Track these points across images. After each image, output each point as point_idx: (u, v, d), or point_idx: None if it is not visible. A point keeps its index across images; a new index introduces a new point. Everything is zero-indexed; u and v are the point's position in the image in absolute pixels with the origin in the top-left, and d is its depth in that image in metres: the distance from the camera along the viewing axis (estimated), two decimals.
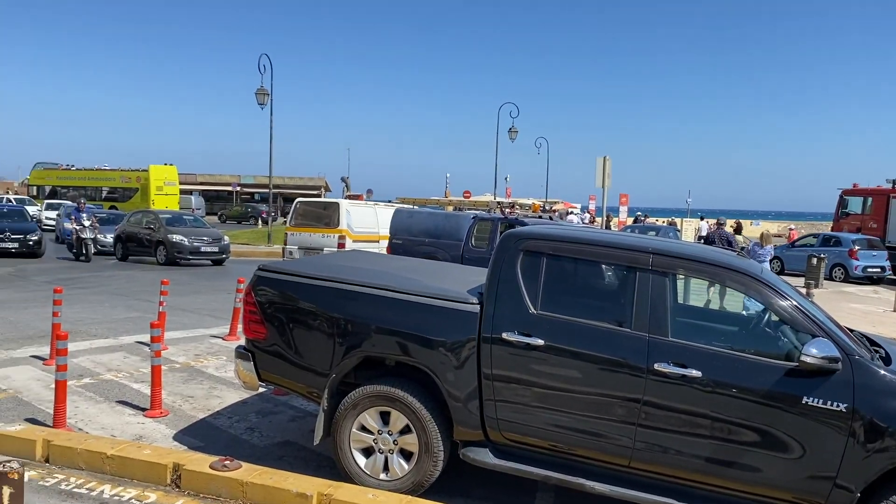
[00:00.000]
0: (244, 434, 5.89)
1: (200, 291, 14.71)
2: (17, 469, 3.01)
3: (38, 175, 48.42)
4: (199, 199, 51.77)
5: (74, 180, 46.17)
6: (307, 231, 18.18)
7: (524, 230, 4.94)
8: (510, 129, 35.63)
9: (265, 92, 28.13)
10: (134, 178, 43.03)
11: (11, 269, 17.29)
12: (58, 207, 32.18)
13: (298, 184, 63.97)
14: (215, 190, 61.68)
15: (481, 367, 4.50)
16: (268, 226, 32.64)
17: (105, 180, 44.83)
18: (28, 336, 9.28)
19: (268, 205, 37.98)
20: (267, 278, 5.31)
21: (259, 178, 60.35)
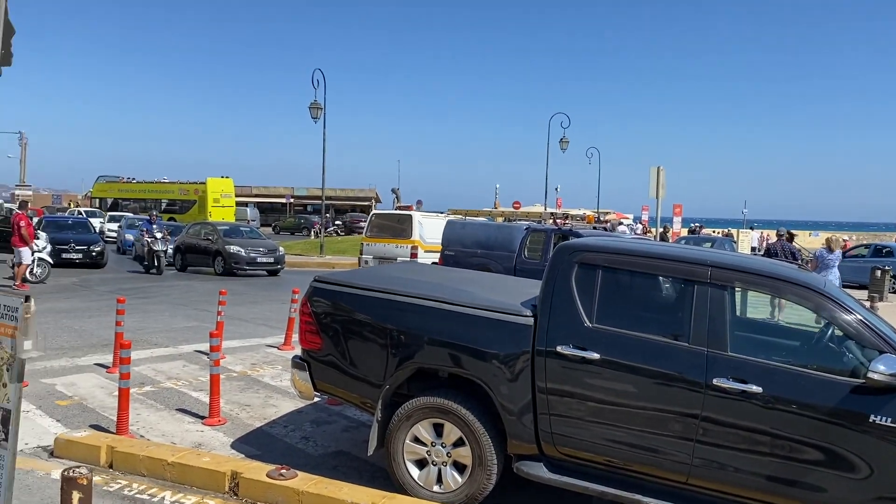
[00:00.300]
0: (299, 443, 5.97)
1: (256, 301, 14.98)
2: (86, 475, 3.11)
3: (100, 188, 50.09)
4: (255, 211, 52.83)
5: (135, 193, 47.63)
6: (382, 242, 18.97)
7: (578, 242, 4.91)
8: (561, 140, 35.43)
9: (318, 106, 28.60)
10: (192, 191, 44.16)
11: (76, 279, 17.90)
12: (119, 219, 33.19)
13: (350, 195, 64.80)
14: (269, 202, 62.89)
15: (535, 381, 4.48)
16: (320, 237, 33.07)
17: (164, 192, 46.12)
18: (92, 344, 9.59)
19: (320, 216, 38.52)
20: (322, 289, 5.39)
21: (311, 190, 61.26)
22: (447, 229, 16.33)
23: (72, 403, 6.83)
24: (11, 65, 4.04)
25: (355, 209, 60.53)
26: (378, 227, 19.42)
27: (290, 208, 61.92)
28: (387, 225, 19.32)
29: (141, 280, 18.71)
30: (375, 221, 19.80)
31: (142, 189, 47.74)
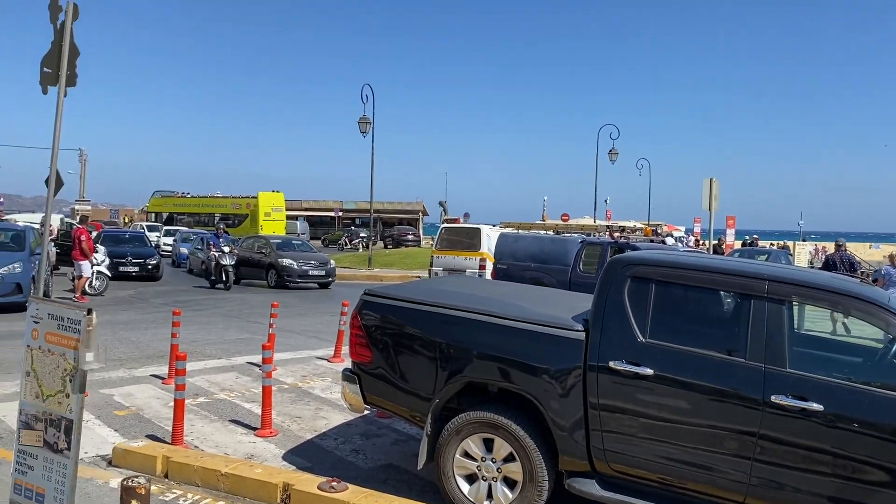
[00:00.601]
0: (349, 456, 6.00)
1: (306, 314, 15.16)
2: (144, 485, 3.18)
3: (156, 202, 51.42)
4: (304, 224, 53.60)
5: (189, 207, 48.76)
6: (451, 254, 19.54)
7: (631, 256, 4.85)
8: (610, 151, 35.14)
9: (367, 121, 28.91)
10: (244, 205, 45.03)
11: (132, 292, 18.39)
12: (174, 233, 33.99)
13: (397, 208, 65.22)
14: (319, 215, 63.70)
15: (587, 396, 4.42)
16: (368, 250, 33.35)
17: (217, 207, 47.10)
18: (148, 356, 9.82)
19: (368, 229, 38.85)
20: (372, 303, 5.43)
21: (360, 204, 61.92)
22: (500, 242, 16.22)
23: (129, 414, 7.00)
24: (76, 85, 4.20)
25: (402, 222, 60.91)
26: (448, 241, 20.02)
27: (339, 221, 62.63)
28: (456, 237, 19.93)
29: (195, 293, 19.11)
30: (445, 235, 20.41)
31: (196, 203, 48.86)
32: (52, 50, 4.23)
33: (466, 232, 20.01)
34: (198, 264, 24.65)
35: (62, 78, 4.24)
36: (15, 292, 13.67)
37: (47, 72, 4.22)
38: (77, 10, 4.18)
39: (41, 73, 4.20)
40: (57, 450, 3.67)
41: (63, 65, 4.22)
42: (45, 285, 14.48)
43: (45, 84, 4.22)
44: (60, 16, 4.24)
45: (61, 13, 4.23)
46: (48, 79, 4.24)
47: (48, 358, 3.70)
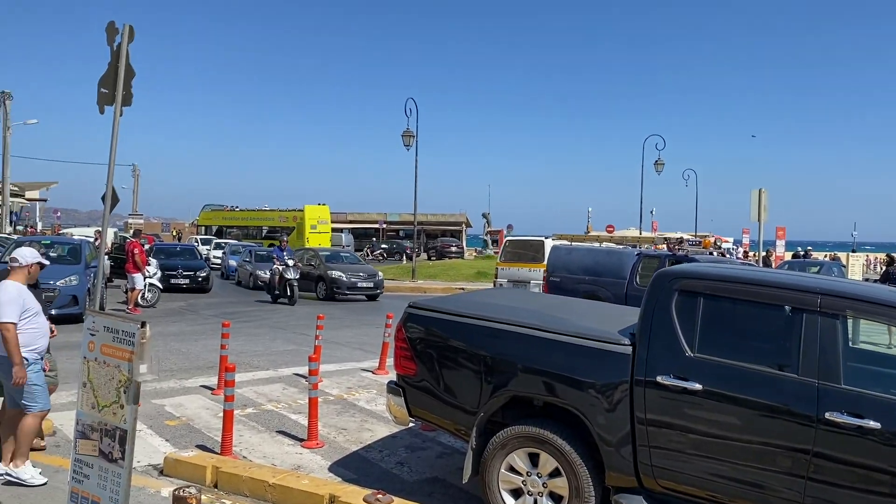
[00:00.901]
0: (395, 468, 6.02)
1: (351, 325, 15.29)
2: (195, 494, 3.25)
3: (206, 216, 52.51)
4: (349, 237, 54.10)
5: (238, 220, 49.66)
6: (515, 266, 19.99)
7: (678, 269, 4.78)
8: (656, 162, 34.72)
9: (411, 134, 29.12)
10: (290, 218, 45.66)
11: (183, 304, 18.78)
12: (223, 246, 34.61)
13: (441, 220, 65.38)
14: (363, 227, 64.23)
15: (634, 411, 4.37)
16: (412, 261, 33.48)
17: (265, 220, 47.87)
18: (198, 367, 10.01)
19: (412, 241, 39.04)
20: (417, 315, 5.46)
21: (404, 216, 62.22)
22: (552, 254, 15.98)
23: (180, 424, 7.14)
24: (132, 105, 4.35)
25: (445, 233, 61.02)
26: (512, 253, 20.56)
27: (383, 233, 63.06)
28: (521, 251, 20.44)
29: (243, 304, 19.43)
30: (510, 247, 20.93)
31: (244, 217, 49.74)
32: (109, 71, 4.39)
33: (531, 244, 20.47)
34: (245, 276, 25.05)
35: (118, 98, 4.39)
36: (71, 304, 14.10)
37: (104, 92, 4.38)
38: (133, 32, 4.33)
39: (98, 94, 4.36)
40: (112, 459, 3.77)
41: (119, 85, 4.36)
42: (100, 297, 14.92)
43: (102, 104, 4.38)
44: (117, 38, 4.39)
45: (118, 35, 4.38)
46: (105, 98, 4.40)
47: (104, 369, 3.81)
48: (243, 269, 25.80)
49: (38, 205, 56.64)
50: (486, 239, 48.51)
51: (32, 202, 54.21)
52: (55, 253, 16.24)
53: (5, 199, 36.86)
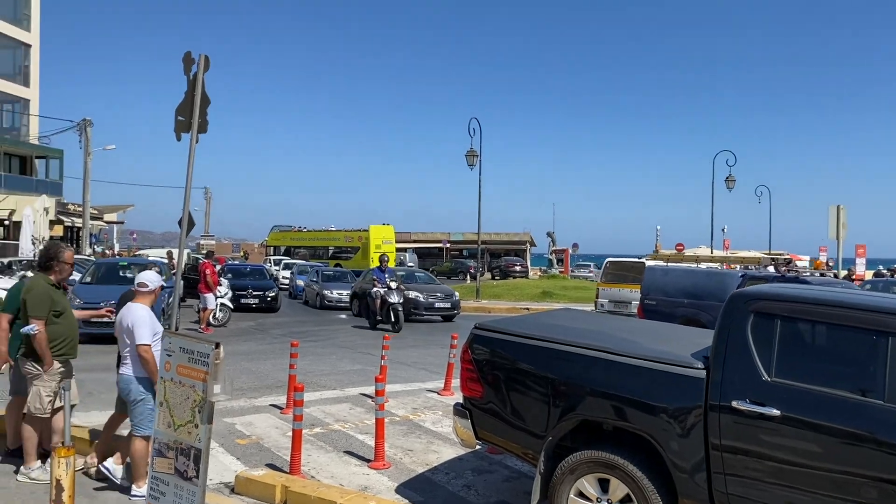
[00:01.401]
0: (461, 491, 5.97)
1: (416, 346, 15.34)
2: None
3: (274, 237, 53.76)
4: (413, 256, 54.49)
5: (305, 241, 50.66)
6: (616, 287, 20.51)
7: (754, 290, 4.62)
8: (727, 178, 33.89)
9: (475, 153, 29.22)
10: (356, 238, 46.31)
11: (252, 323, 19.20)
12: (291, 266, 35.30)
13: (504, 239, 65.26)
14: (427, 247, 64.63)
15: (709, 437, 4.23)
16: (476, 281, 33.45)
17: (331, 240, 48.69)
18: (267, 385, 10.19)
19: (475, 260, 39.04)
20: (483, 337, 5.43)
21: (467, 235, 62.37)
22: (647, 276, 15.16)
23: (250, 443, 7.26)
24: (207, 131, 4.50)
25: (509, 253, 60.83)
26: (613, 273, 21.13)
27: (447, 253, 63.28)
28: (622, 272, 20.97)
29: (310, 324, 19.73)
30: (610, 268, 21.47)
31: (311, 237, 50.70)
32: (186, 99, 4.56)
33: (631, 266, 20.96)
34: (313, 296, 25.46)
35: (194, 125, 4.54)
36: None
37: (181, 120, 4.54)
38: (208, 62, 4.47)
39: (175, 121, 4.53)
40: (186, 477, 3.86)
41: (195, 113, 4.52)
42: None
43: (179, 131, 4.54)
44: (193, 68, 4.55)
45: (194, 65, 4.54)
46: (182, 126, 4.56)
47: (179, 389, 3.91)
48: (311, 289, 26.24)
49: (115, 227, 59.05)
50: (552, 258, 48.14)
51: (110, 224, 56.55)
52: (131, 274, 16.85)
53: (85, 222, 38.54)
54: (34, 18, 43.84)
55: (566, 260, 50.58)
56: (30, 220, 26.69)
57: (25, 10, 43.32)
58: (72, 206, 44.42)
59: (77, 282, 17.90)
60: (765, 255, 32.54)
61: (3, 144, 40.48)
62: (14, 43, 42.59)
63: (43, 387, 5.83)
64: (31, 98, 44.10)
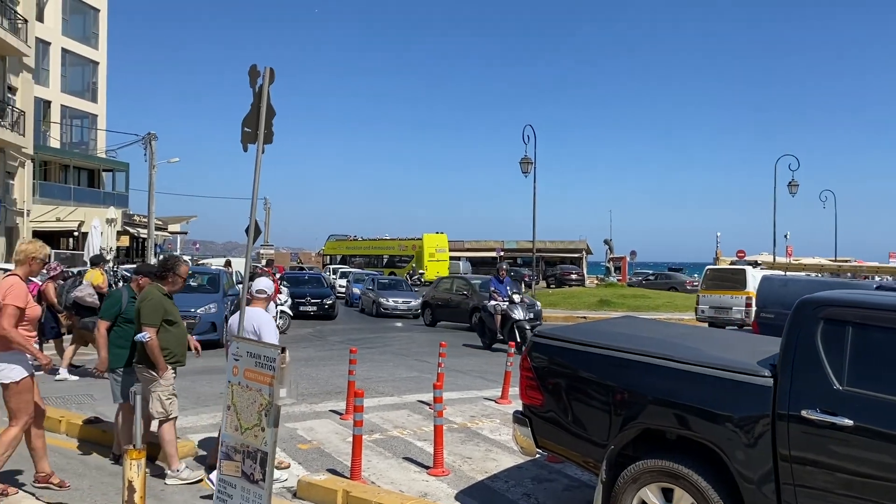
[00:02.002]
0: (521, 500, 5.95)
1: (472, 354, 15.34)
2: None
3: (331, 246, 54.61)
4: (467, 264, 54.53)
5: (360, 249, 51.30)
6: (717, 293, 20.68)
7: (823, 296, 4.49)
8: (790, 183, 33.02)
9: (529, 160, 29.16)
10: (410, 246, 46.67)
11: (311, 330, 19.51)
12: (348, 275, 35.80)
13: (560, 247, 64.78)
14: (480, 256, 64.64)
15: (777, 448, 4.12)
16: (531, 289, 33.30)
17: (385, 249, 49.20)
18: (327, 391, 10.34)
19: (530, 269, 38.86)
20: (542, 344, 5.41)
21: (521, 243, 62.14)
22: (763, 287, 14.05)
23: (311, 448, 7.38)
24: (272, 142, 4.62)
25: (565, 261, 60.35)
26: (713, 280, 21.31)
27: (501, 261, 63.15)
28: (721, 277, 21.16)
29: (366, 331, 19.95)
30: (710, 275, 21.74)
31: (366, 246, 51.33)
32: (252, 111, 4.69)
33: (732, 272, 21.13)
34: (369, 303, 25.78)
35: (260, 136, 4.66)
36: (210, 331, 14.97)
37: (247, 131, 4.67)
38: (273, 74, 4.60)
39: (242, 133, 4.66)
40: (253, 480, 3.95)
41: (261, 124, 4.64)
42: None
43: (246, 142, 4.67)
44: (259, 80, 4.68)
45: (259, 78, 4.67)
46: (248, 137, 4.69)
47: (246, 393, 4.01)
48: (367, 297, 26.56)
49: (179, 237, 60.76)
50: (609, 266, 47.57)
51: (174, 235, 58.21)
52: (195, 282, 17.32)
53: (150, 232, 39.76)
54: (101, 36, 45.62)
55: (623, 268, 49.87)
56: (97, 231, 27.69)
57: (94, 28, 45.11)
58: (137, 217, 45.90)
59: None
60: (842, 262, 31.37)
61: (73, 158, 42.17)
62: (83, 61, 44.38)
63: (161, 392, 6.08)
64: (98, 113, 45.86)
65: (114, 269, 24.59)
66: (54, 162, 40.95)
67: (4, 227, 27.53)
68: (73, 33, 42.99)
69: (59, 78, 42.05)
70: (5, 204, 27.43)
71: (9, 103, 27.46)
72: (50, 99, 41.43)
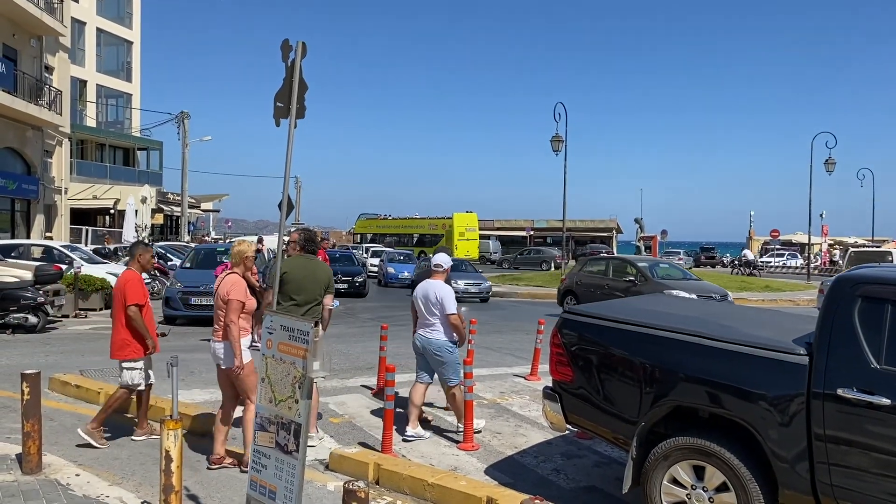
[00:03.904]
0: (551, 475, 5.97)
1: (501, 331, 15.35)
2: (364, 488, 3.38)
3: (361, 224, 54.83)
4: (497, 244, 54.45)
5: (391, 228, 51.44)
6: None
7: (860, 273, 4.41)
8: (826, 161, 32.33)
9: (560, 139, 28.89)
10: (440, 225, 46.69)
11: (342, 307, 19.65)
12: (380, 254, 35.89)
13: (590, 226, 64.36)
14: (510, 235, 64.46)
15: (811, 426, 4.08)
16: (560, 269, 33.15)
17: (415, 228, 49.28)
18: (357, 367, 10.44)
19: (560, 248, 38.67)
20: (572, 321, 5.40)
21: (551, 222, 61.82)
22: None
23: (342, 421, 7.47)
24: (304, 117, 4.64)
25: (595, 240, 59.93)
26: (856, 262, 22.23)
27: (530, 240, 62.95)
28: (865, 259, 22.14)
29: (397, 309, 20.03)
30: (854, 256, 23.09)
31: (396, 225, 51.45)
32: (284, 86, 4.70)
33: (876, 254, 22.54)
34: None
35: (292, 111, 4.68)
36: None
37: (280, 106, 4.70)
38: (305, 48, 4.60)
39: (274, 108, 4.68)
40: (287, 451, 4.01)
41: (293, 99, 4.66)
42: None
43: (278, 117, 4.70)
44: (290, 55, 4.69)
45: (291, 52, 4.68)
46: (280, 112, 4.72)
47: (280, 366, 4.06)
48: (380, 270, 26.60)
49: (211, 215, 61.50)
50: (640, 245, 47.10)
51: (207, 213, 58.93)
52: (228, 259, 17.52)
53: (184, 210, 40.31)
54: (135, 16, 46.04)
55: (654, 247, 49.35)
56: (133, 209, 28.14)
57: (128, 8, 45.51)
58: (171, 196, 46.55)
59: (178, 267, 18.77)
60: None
61: (108, 137, 42.79)
62: (118, 40, 44.87)
63: None
64: (132, 93, 46.42)
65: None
66: (90, 140, 41.62)
67: (43, 205, 28.09)
68: (107, 13, 43.44)
69: (94, 57, 42.61)
70: (44, 182, 27.96)
71: (46, 83, 27.87)
72: (86, 78, 42.02)
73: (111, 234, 30.13)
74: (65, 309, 15.37)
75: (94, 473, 5.50)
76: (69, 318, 15.53)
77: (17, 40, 25.85)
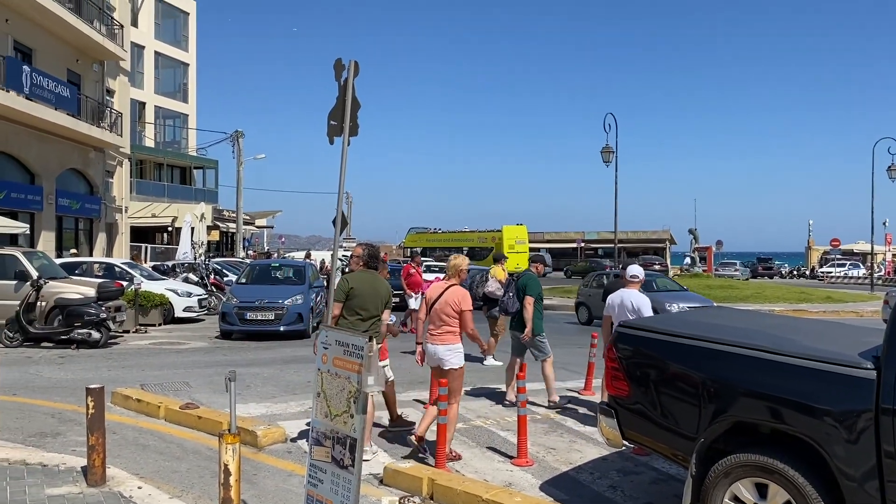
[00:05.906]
0: (607, 492, 5.87)
1: (555, 345, 15.16)
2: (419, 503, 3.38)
3: (412, 238, 55.20)
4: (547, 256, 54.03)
5: (441, 241, 51.64)
6: None
7: None
8: (889, 167, 31.29)
9: (610, 150, 28.62)
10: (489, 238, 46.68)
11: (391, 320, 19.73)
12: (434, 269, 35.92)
13: (642, 237, 63.52)
14: (560, 247, 63.99)
15: (881, 444, 3.92)
16: None
17: (465, 241, 49.36)
18: (410, 381, 10.46)
19: (612, 259, 38.23)
20: (628, 335, 5.32)
21: (602, 234, 61.22)
22: None
23: (395, 435, 7.48)
24: (358, 134, 4.70)
25: (647, 251, 59.06)
26: None
27: (581, 252, 62.37)
28: None
29: None
30: None
31: (446, 238, 51.64)
32: (337, 104, 4.78)
33: None
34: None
35: (346, 129, 4.76)
36: (297, 321, 15.38)
37: (333, 124, 4.77)
38: (357, 67, 4.67)
39: (328, 126, 4.77)
40: (343, 465, 4.04)
41: (346, 117, 4.73)
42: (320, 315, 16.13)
43: (332, 135, 4.78)
44: (343, 73, 4.77)
45: (344, 71, 4.75)
46: (334, 130, 4.79)
47: (335, 381, 4.10)
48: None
49: (265, 231, 62.67)
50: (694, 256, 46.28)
51: (261, 229, 60.07)
52: (282, 274, 17.83)
53: (239, 227, 41.16)
54: (191, 39, 47.46)
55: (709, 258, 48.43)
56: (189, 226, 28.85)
57: (184, 31, 46.95)
58: (226, 213, 47.60)
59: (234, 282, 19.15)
60: None
61: (166, 157, 44.06)
62: (174, 63, 46.29)
63: None
64: (189, 113, 47.77)
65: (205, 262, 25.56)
66: (149, 160, 42.92)
67: (105, 223, 29.03)
68: (164, 37, 44.88)
69: (152, 80, 44.02)
70: (106, 201, 28.90)
71: (107, 105, 28.87)
72: (144, 100, 43.41)
73: (137, 253, 30.86)
74: (126, 324, 15.80)
75: (156, 486, 5.63)
76: (130, 334, 15.95)
77: (80, 65, 26.87)
